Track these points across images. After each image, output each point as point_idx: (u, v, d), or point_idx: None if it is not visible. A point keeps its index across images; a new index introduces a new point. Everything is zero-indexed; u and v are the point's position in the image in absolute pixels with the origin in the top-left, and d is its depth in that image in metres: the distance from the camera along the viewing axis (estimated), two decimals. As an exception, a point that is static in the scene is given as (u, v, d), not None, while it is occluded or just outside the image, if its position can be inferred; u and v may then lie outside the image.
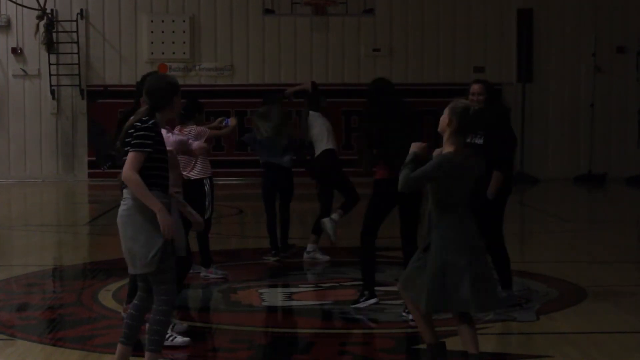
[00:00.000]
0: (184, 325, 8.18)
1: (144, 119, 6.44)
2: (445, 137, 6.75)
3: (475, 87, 9.12)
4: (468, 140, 8.85)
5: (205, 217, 10.13)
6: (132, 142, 6.35)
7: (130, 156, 6.34)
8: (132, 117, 6.52)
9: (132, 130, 6.39)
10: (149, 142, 6.36)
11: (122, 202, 6.47)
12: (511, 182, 9.25)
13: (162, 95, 6.56)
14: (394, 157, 8.64)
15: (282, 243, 12.20)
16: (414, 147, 6.77)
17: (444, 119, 6.75)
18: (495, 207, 9.07)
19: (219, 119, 11.45)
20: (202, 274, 10.86)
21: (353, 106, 24.74)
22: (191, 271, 10.81)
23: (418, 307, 6.75)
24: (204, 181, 10.31)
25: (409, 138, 7.53)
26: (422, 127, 9.65)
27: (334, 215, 11.62)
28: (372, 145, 9.06)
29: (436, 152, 6.81)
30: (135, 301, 6.70)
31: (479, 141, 8.87)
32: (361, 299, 9.25)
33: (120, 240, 6.51)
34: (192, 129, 10.43)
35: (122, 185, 6.47)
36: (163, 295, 6.49)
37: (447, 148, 6.71)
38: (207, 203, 10.28)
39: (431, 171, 6.60)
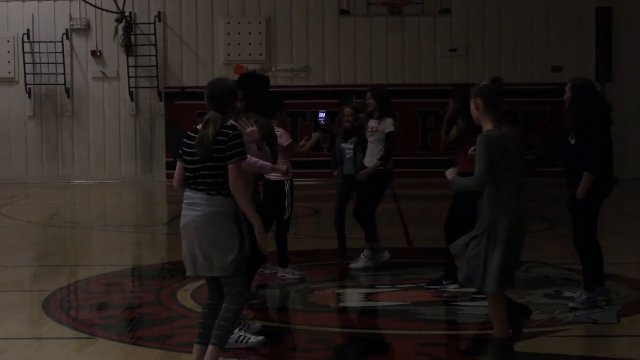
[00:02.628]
0: (258, 325, 8.19)
1: (230, 125, 6.52)
2: (482, 122, 6.99)
3: (567, 87, 9.13)
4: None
5: (285, 218, 10.56)
6: (230, 152, 6.42)
7: (235, 167, 6.43)
8: (207, 127, 6.48)
9: (224, 139, 6.44)
10: (243, 148, 6.48)
11: (194, 207, 6.51)
12: (608, 182, 9.04)
13: (225, 99, 6.60)
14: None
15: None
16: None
17: (472, 108, 7.01)
18: (588, 206, 8.94)
19: (314, 135, 11.61)
20: (279, 274, 10.90)
21: (429, 106, 24.64)
22: (268, 271, 10.87)
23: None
24: (284, 182, 10.49)
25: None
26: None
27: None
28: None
29: (448, 172, 7.05)
30: (207, 301, 6.79)
31: (572, 141, 8.84)
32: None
33: (189, 242, 6.54)
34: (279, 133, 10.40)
35: (184, 188, 6.55)
36: (235, 296, 6.57)
37: (486, 127, 6.96)
38: (286, 203, 10.52)
39: (485, 156, 6.75)
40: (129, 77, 25.96)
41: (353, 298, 10.16)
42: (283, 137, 10.59)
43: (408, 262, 12.00)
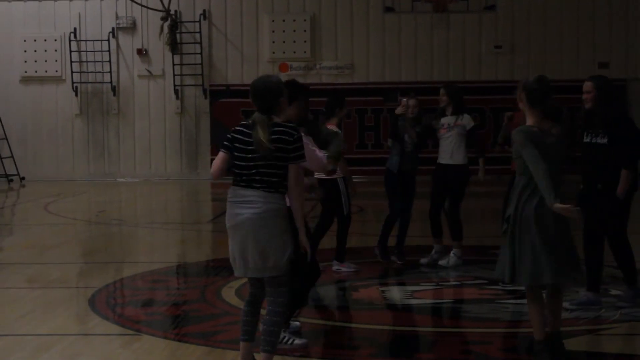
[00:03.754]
0: (297, 324, 8.14)
1: (289, 127, 6.56)
2: (526, 117, 7.11)
3: (586, 85, 9.04)
4: (587, 140, 8.77)
5: (345, 214, 10.88)
6: (294, 154, 6.50)
7: (296, 168, 6.54)
8: (256, 129, 6.50)
9: (289, 139, 6.48)
10: (304, 150, 6.59)
11: (249, 205, 6.51)
12: (637, 179, 9.03)
13: (268, 98, 6.60)
14: None
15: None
16: None
17: (518, 101, 7.16)
18: (621, 204, 8.86)
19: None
20: (334, 267, 11.02)
21: (474, 103, 24.53)
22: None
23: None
24: (337, 181, 10.72)
25: None
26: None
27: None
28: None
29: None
30: (248, 298, 6.85)
31: (602, 140, 8.72)
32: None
33: (240, 241, 6.55)
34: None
35: (231, 187, 6.58)
36: (280, 297, 6.60)
37: (528, 122, 7.08)
38: (343, 200, 10.83)
39: (530, 145, 6.88)
40: (174, 75, 26.08)
41: (397, 295, 10.15)
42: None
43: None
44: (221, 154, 6.68)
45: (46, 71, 26.48)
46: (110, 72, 26.18)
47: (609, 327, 8.15)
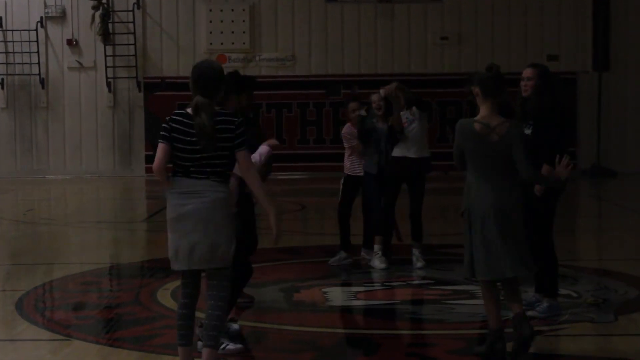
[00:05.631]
0: (236, 326, 8.01)
1: (229, 114, 6.61)
2: (479, 106, 7.35)
3: (526, 72, 8.89)
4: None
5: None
6: (238, 140, 6.52)
7: (245, 155, 6.57)
8: (199, 114, 6.49)
9: (231, 127, 6.50)
10: (248, 136, 6.63)
11: (196, 195, 6.50)
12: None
13: (211, 83, 6.61)
14: None
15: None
16: None
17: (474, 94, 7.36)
18: (545, 205, 8.59)
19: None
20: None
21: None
22: (368, 257, 11.49)
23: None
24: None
25: None
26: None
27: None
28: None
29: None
30: (182, 300, 6.76)
31: (528, 131, 8.49)
32: None
33: (187, 232, 6.51)
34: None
35: (168, 176, 6.56)
36: (222, 292, 6.62)
37: (479, 114, 7.33)
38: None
39: (456, 141, 7.29)
40: (106, 67, 25.89)
41: (341, 297, 10.18)
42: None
43: (398, 259, 11.93)
44: (161, 146, 6.58)
45: (-30, 62, 26.18)
46: (38, 63, 25.92)
47: (559, 327, 8.25)
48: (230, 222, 6.57)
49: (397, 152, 11.34)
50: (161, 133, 6.60)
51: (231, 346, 7.64)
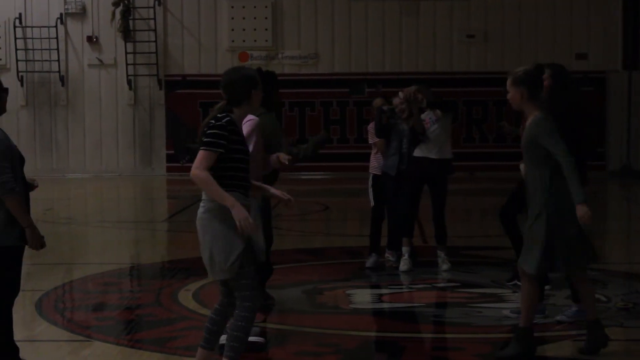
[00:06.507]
0: (257, 328, 7.95)
1: (218, 116, 6.46)
2: (526, 110, 7.34)
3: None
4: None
5: (371, 206, 11.72)
6: (204, 140, 6.37)
7: (200, 154, 6.34)
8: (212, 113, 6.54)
9: (206, 128, 6.43)
10: (221, 141, 6.35)
11: (200, 204, 6.49)
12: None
13: (236, 90, 6.57)
14: None
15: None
16: None
17: (513, 96, 7.33)
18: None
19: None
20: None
21: (445, 96, 24.59)
22: (393, 259, 11.56)
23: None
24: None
25: None
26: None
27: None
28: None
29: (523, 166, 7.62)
30: (216, 306, 6.72)
31: None
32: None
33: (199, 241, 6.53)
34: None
35: None
36: (245, 302, 6.48)
37: (533, 114, 7.32)
38: (371, 195, 11.66)
39: (557, 132, 7.28)
40: (127, 64, 25.97)
41: (365, 299, 10.16)
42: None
43: (424, 261, 11.88)
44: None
45: (-11, 59, 26.31)
46: (58, 60, 26.03)
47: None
48: (225, 234, 6.36)
49: (418, 152, 11.32)
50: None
51: (251, 337, 7.63)
